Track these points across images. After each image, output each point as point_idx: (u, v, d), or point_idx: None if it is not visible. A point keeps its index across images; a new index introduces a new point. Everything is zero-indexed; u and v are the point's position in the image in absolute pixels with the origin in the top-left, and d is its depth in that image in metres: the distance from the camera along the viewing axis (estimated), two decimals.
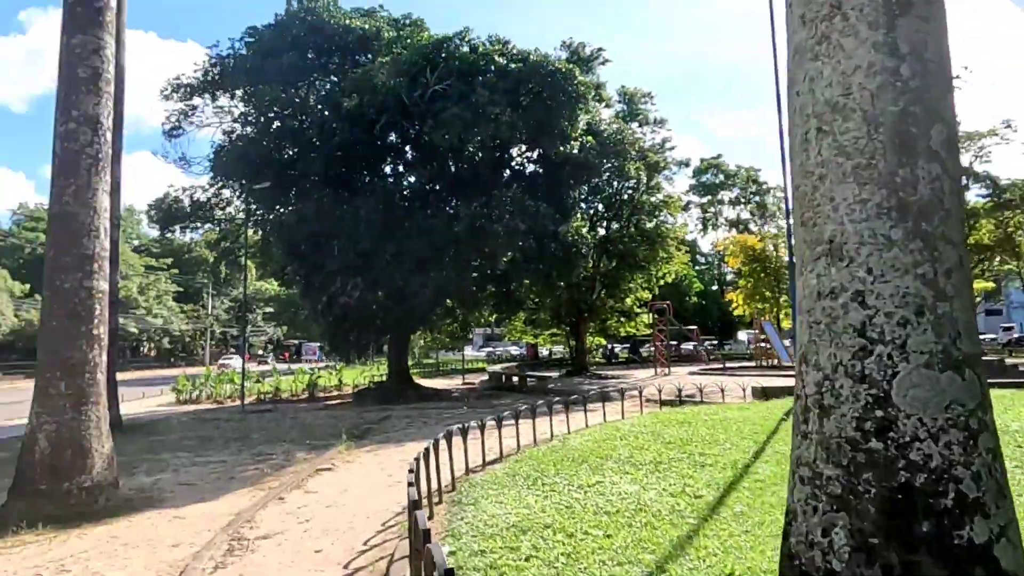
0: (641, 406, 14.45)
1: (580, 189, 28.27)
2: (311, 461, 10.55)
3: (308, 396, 25.13)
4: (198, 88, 23.13)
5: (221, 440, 13.79)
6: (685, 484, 6.61)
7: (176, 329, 72.99)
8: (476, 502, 6.36)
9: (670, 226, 33.15)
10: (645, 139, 30.73)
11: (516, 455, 9.50)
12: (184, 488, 8.93)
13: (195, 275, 77.15)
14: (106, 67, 8.26)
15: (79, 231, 7.78)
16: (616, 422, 12.28)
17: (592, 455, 8.45)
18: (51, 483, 7.26)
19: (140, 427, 16.75)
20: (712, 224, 75.36)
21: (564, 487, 6.77)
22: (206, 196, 25.32)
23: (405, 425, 15.53)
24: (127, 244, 70.81)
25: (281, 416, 18.71)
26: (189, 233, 26.64)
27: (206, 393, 25.12)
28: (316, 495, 8.02)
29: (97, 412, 7.73)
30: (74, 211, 7.78)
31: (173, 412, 21.31)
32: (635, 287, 33.28)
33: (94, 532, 6.68)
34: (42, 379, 7.57)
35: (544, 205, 21.70)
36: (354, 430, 14.12)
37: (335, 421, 17.09)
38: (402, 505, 7.24)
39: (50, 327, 7.71)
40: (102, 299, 7.95)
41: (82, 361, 7.63)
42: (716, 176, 73.62)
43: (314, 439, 13.39)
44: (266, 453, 11.75)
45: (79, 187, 7.84)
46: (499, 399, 22.85)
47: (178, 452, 12.14)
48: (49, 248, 7.95)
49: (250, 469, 10.18)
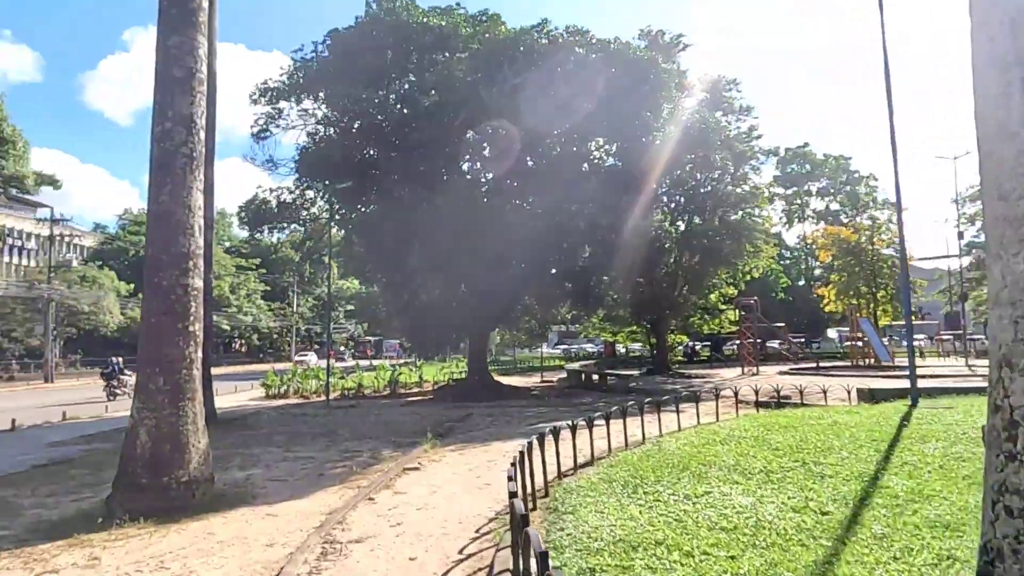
0: (736, 408, 13.62)
1: (662, 182, 27.38)
2: (398, 459, 10.44)
3: (390, 392, 25.44)
4: (283, 92, 23.79)
5: (309, 435, 13.99)
6: (807, 498, 5.96)
7: (264, 326, 76.42)
8: (575, 510, 5.95)
9: (757, 219, 31.58)
10: (730, 128, 29.39)
11: (608, 458, 9.04)
12: (275, 484, 8.97)
13: (281, 274, 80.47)
14: (199, 67, 8.36)
15: (175, 229, 7.89)
16: (711, 425, 11.58)
17: (693, 461, 7.86)
18: (151, 477, 7.38)
19: (233, 421, 17.32)
20: (798, 216, 71.87)
21: (668, 497, 6.25)
22: (292, 197, 26.05)
23: (487, 424, 15.31)
24: (219, 246, 74.58)
25: (365, 412, 18.93)
26: (276, 233, 27.53)
27: (293, 388, 25.86)
28: (405, 496, 7.83)
29: (193, 408, 7.81)
30: (170, 209, 7.90)
31: (263, 406, 22.01)
32: (719, 283, 31.95)
33: (191, 528, 6.70)
34: (142, 374, 7.72)
35: (626, 198, 21.04)
36: (437, 428, 14.01)
37: (418, 418, 17.11)
38: (495, 511, 6.94)
39: (149, 324, 7.86)
40: (197, 296, 8.04)
41: (179, 357, 7.73)
42: (802, 166, 70.16)
43: (399, 436, 13.36)
44: (353, 450, 11.77)
45: (175, 186, 7.95)
46: (579, 398, 22.38)
47: (268, 447, 12.35)
48: (148, 247, 8.12)
49: (338, 466, 10.16)
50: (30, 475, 10.29)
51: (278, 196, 25.88)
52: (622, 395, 22.72)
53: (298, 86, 23.76)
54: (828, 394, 15.12)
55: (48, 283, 44.45)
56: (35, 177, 45.44)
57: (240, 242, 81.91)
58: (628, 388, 24.86)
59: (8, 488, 9.24)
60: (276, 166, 25.06)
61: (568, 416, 16.53)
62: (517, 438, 12.57)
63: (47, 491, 8.93)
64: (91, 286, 52.39)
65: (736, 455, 8.10)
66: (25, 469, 10.87)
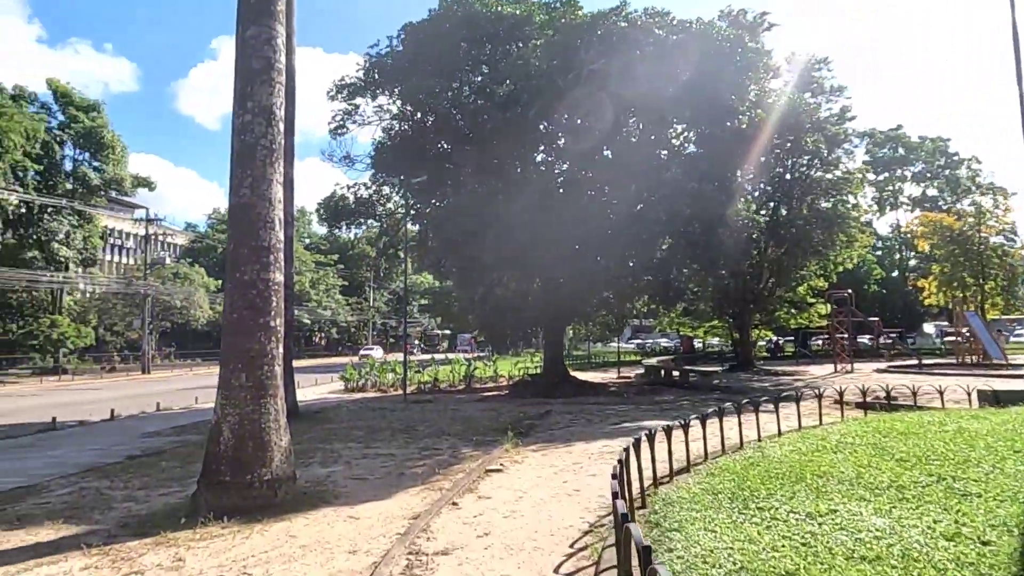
0: (842, 410, 12.52)
1: (747, 169, 25.96)
2: (479, 459, 10.07)
3: (465, 387, 25.32)
4: (359, 88, 23.93)
5: (388, 431, 13.87)
6: (956, 521, 5.12)
7: (343, 320, 78.72)
8: (681, 527, 5.34)
9: (850, 206, 29.51)
10: (820, 109, 27.53)
11: (704, 464, 8.35)
12: (356, 483, 8.76)
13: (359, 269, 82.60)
14: (278, 57, 8.19)
15: (255, 223, 7.75)
16: (814, 428, 10.63)
17: (806, 472, 7.07)
18: (234, 475, 7.26)
19: (314, 414, 17.52)
20: (890, 203, 67.41)
21: (787, 514, 5.54)
22: (368, 193, 26.28)
23: (568, 422, 14.77)
24: (299, 243, 77.22)
25: (441, 407, 18.78)
26: (353, 229, 27.89)
27: (371, 382, 26.17)
28: (490, 501, 7.41)
29: (275, 405, 7.66)
30: (251, 203, 7.76)
31: (342, 399, 22.29)
32: (808, 275, 30.07)
33: (273, 529, 6.51)
34: (225, 370, 7.63)
35: (708, 187, 19.95)
36: (517, 426, 13.59)
37: (495, 414, 16.79)
38: (587, 522, 6.41)
39: (230, 319, 7.76)
40: (278, 291, 7.88)
41: (260, 353, 7.59)
42: (895, 150, 65.70)
43: (478, 434, 13.03)
44: (432, 447, 11.51)
45: (255, 178, 7.80)
46: (660, 395, 21.51)
47: (349, 442, 12.27)
48: (230, 241, 8.02)
49: (419, 465, 9.89)
50: (124, 466, 10.56)
51: (355, 192, 26.17)
52: (705, 393, 21.70)
53: (373, 81, 23.85)
54: (945, 395, 13.72)
55: (144, 279, 47.05)
56: (132, 179, 48.21)
57: (319, 238, 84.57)
58: (712, 386, 23.76)
59: (104, 479, 9.47)
60: (353, 162, 25.31)
61: (651, 415, 15.81)
62: (600, 438, 12.02)
63: (139, 483, 9.07)
64: (183, 282, 55.26)
65: (855, 466, 7.23)
66: (120, 460, 11.19)
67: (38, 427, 16.43)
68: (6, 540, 6.44)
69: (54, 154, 41.74)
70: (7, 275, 36.22)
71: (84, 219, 45.23)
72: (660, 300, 28.20)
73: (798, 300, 32.06)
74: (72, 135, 42.99)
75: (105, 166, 45.31)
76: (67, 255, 42.59)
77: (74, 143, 43.85)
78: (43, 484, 9.18)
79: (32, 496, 8.49)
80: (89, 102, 44.86)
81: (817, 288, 31.32)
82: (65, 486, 9.08)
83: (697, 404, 18.27)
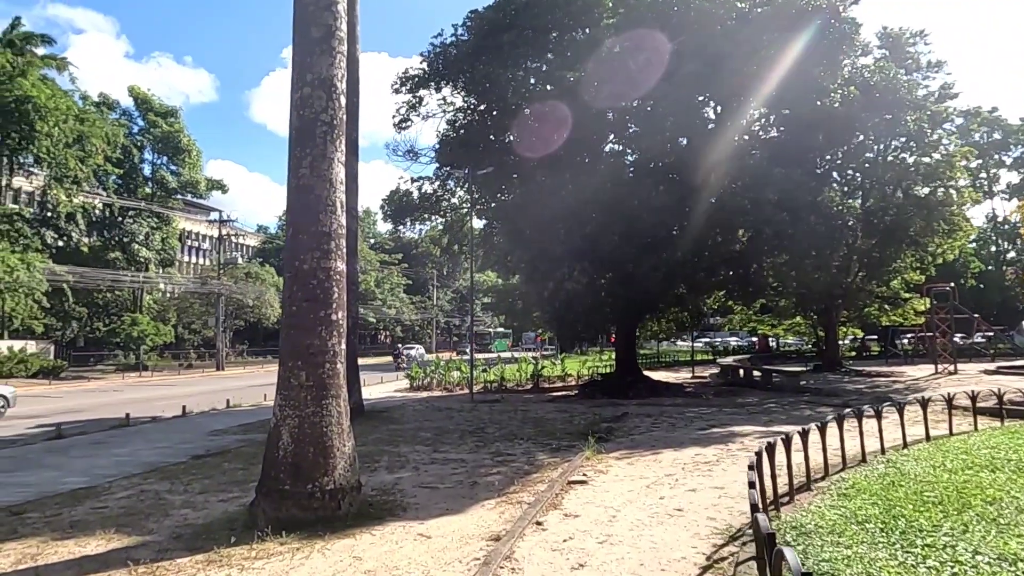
0: (974, 417, 10.88)
1: (835, 152, 23.98)
2: (558, 467, 9.11)
3: (533, 386, 24.41)
4: (423, 80, 23.36)
5: (456, 433, 13.10)
6: None
7: (407, 319, 79.28)
8: (835, 569, 4.22)
9: (951, 192, 26.90)
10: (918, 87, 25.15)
11: (826, 480, 7.12)
12: (425, 492, 7.97)
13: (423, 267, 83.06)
14: (339, 24, 7.46)
15: (316, 206, 7.03)
16: (947, 440, 9.16)
17: (971, 497, 5.77)
18: (294, 484, 6.56)
19: (380, 414, 16.98)
20: (984, 191, 62.48)
21: (971, 556, 4.33)
22: (432, 188, 25.73)
23: (648, 426, 13.61)
24: (364, 242, 78.22)
25: (510, 408, 17.92)
26: (418, 225, 27.37)
27: (436, 380, 25.63)
28: (578, 521, 6.43)
29: (338, 406, 6.92)
30: (311, 184, 7.05)
31: (407, 398, 21.78)
32: (903, 267, 27.61)
33: (336, 548, 5.75)
34: (283, 368, 6.94)
35: (799, 171, 18.30)
36: (594, 429, 12.54)
37: (567, 416, 15.81)
38: (702, 552, 5.33)
39: (290, 312, 7.07)
40: (340, 281, 7.14)
41: (321, 349, 6.86)
42: (991, 134, 60.78)
43: (552, 437, 12.09)
44: (505, 452, 10.63)
45: (315, 157, 7.08)
46: (742, 396, 20.01)
47: (416, 445, 11.55)
48: (288, 227, 7.35)
49: (492, 472, 9.02)
50: (188, 467, 10.14)
51: (419, 187, 25.65)
52: (793, 395, 20.04)
53: (437, 72, 23.23)
54: None
55: (218, 279, 48.36)
56: (206, 182, 49.70)
57: (383, 237, 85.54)
58: (798, 387, 22.00)
59: (165, 481, 9.03)
60: (417, 156, 24.79)
61: (738, 419, 14.47)
62: (689, 445, 10.86)
63: (199, 487, 8.56)
64: (255, 282, 56.64)
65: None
66: (184, 460, 10.81)
67: (112, 423, 16.52)
68: (54, 551, 5.93)
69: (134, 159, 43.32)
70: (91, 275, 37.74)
71: (162, 221, 46.86)
72: (739, 295, 26.55)
73: (890, 295, 29.53)
74: (151, 140, 44.58)
75: (181, 169, 46.84)
76: (147, 256, 44.17)
77: (153, 148, 45.49)
78: (104, 486, 8.80)
79: (91, 499, 8.08)
80: (167, 107, 46.45)
81: (912, 282, 28.76)
82: (127, 488, 8.67)
83: (786, 407, 16.79)
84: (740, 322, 45.62)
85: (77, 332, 48.59)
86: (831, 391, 20.69)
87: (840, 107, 19.36)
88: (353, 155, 17.35)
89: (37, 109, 30.02)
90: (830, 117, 19.79)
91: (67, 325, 47.06)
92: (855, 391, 20.90)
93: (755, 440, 11.10)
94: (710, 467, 8.90)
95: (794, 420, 13.91)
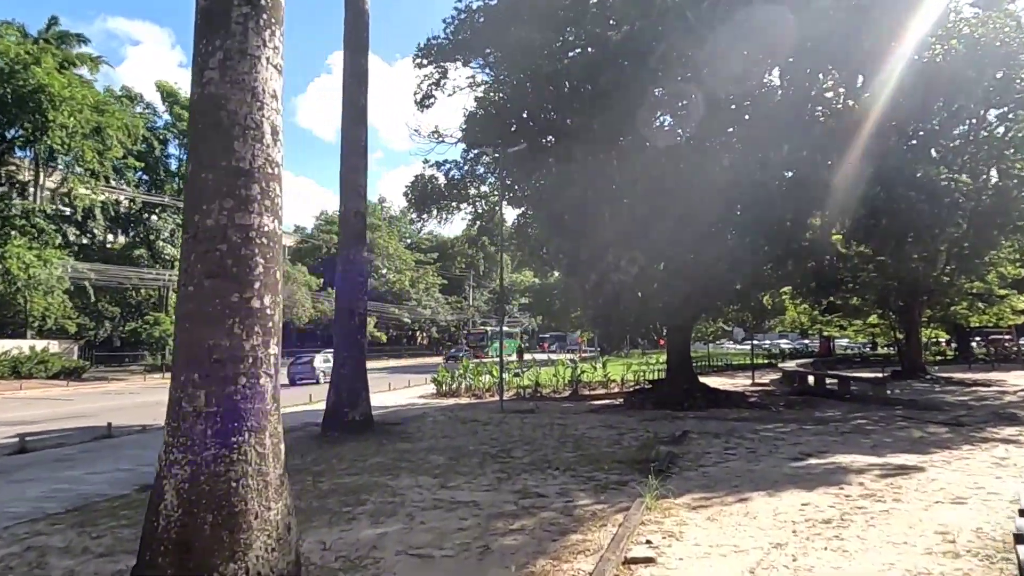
0: None
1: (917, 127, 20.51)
2: (606, 521, 6.41)
3: (571, 393, 21.63)
4: (447, 50, 20.84)
5: (476, 456, 10.47)
6: None
7: (443, 319, 77.22)
8: None
9: None
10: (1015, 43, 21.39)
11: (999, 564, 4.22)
12: (413, 564, 5.37)
13: (458, 267, 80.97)
14: None
15: (228, 127, 4.47)
16: None
17: None
18: (179, 570, 4.00)
19: (392, 427, 14.48)
20: None
21: None
22: (459, 173, 23.21)
23: (720, 452, 10.68)
24: (401, 242, 76.42)
25: (546, 420, 15.21)
26: (444, 214, 24.87)
27: (465, 385, 23.11)
28: None
29: (260, 444, 4.33)
30: (220, 92, 4.49)
31: (429, 406, 19.31)
32: (1000, 260, 23.84)
33: None
34: (174, 386, 4.39)
35: (894, 139, 15.13)
36: (652, 458, 9.72)
37: (614, 433, 13.02)
38: None
39: (186, 295, 4.49)
40: (269, 248, 4.56)
41: (233, 355, 4.28)
42: None
43: (596, 467, 9.34)
44: (533, 491, 7.94)
45: (228, 52, 4.52)
46: (820, 409, 16.91)
47: (420, 476, 8.95)
48: (188, 163, 4.78)
49: (513, 528, 6.35)
50: (122, 505, 7.77)
51: (446, 172, 23.16)
52: (882, 408, 16.80)
53: (463, 42, 20.68)
54: None
55: None
56: None
57: (419, 238, 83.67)
58: (884, 399, 18.69)
59: (73, 529, 6.70)
60: (442, 137, 22.34)
61: (832, 442, 11.43)
62: (785, 486, 7.97)
63: (108, 542, 6.17)
64: (287, 282, 55.24)
65: None
66: (127, 492, 8.49)
67: (95, 433, 14.56)
68: None
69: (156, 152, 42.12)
70: (114, 272, 36.51)
71: None
72: (807, 292, 23.30)
73: (983, 291, 25.68)
74: (176, 133, 43.33)
75: None
76: (172, 253, 42.91)
77: (179, 142, 44.25)
78: None
79: None
80: None
81: (1010, 277, 24.88)
82: (11, 542, 6.32)
83: (882, 424, 13.68)
84: (791, 323, 41.99)
85: (111, 332, 47.80)
86: (927, 403, 17.38)
87: (943, 62, 16.06)
88: (360, 87, 14.75)
89: (51, 98, 28.68)
90: (931, 77, 16.51)
91: (100, 325, 46.28)
92: (958, 403, 17.56)
93: (877, 479, 8.17)
94: (835, 529, 6.05)
95: (906, 445, 10.91)
